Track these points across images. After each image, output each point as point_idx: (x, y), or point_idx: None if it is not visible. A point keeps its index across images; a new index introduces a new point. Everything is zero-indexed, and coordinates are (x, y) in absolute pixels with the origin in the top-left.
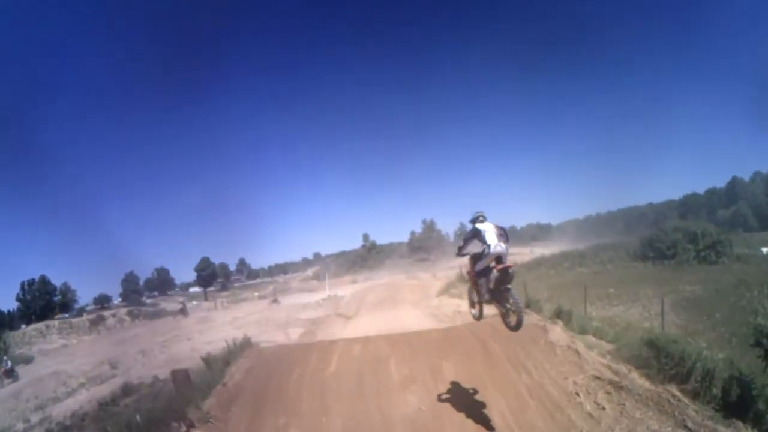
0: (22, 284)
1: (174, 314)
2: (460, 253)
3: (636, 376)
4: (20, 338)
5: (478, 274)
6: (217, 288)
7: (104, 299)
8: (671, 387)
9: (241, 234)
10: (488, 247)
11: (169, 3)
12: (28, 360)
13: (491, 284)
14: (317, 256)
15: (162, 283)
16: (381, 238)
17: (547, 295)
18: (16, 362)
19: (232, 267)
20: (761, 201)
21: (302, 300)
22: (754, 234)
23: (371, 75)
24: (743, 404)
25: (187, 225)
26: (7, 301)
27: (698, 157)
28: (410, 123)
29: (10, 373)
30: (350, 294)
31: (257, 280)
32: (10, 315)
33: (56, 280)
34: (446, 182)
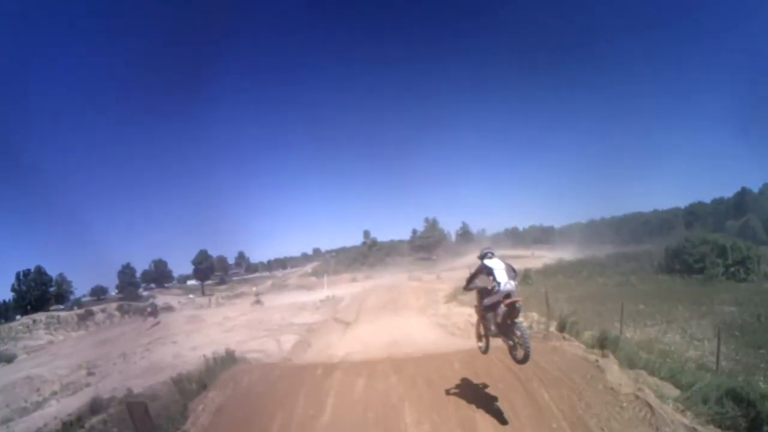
0: (18, 275)
1: (143, 316)
2: (468, 287)
3: None
4: (6, 333)
5: (486, 309)
6: (215, 281)
7: (100, 291)
8: None
9: (241, 227)
10: (498, 285)
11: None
12: (10, 359)
13: (499, 318)
14: (317, 252)
15: (159, 276)
16: (382, 236)
17: (570, 310)
18: None
19: (231, 260)
20: None
21: (299, 299)
22: (763, 247)
23: (376, 71)
24: None
25: (187, 217)
26: (3, 292)
27: (705, 166)
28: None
29: None
30: (350, 296)
31: (256, 274)
32: (5, 305)
33: (52, 271)
34: (449, 181)
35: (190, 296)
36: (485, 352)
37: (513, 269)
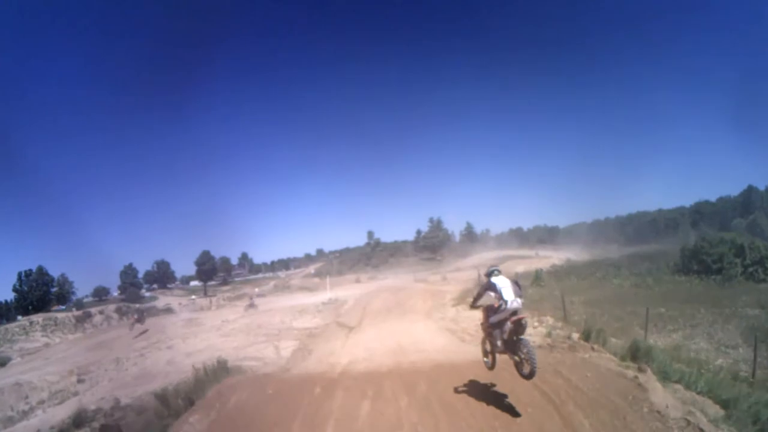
0: (20, 275)
1: (129, 323)
2: (475, 305)
3: None
4: (2, 335)
5: (493, 326)
6: (218, 282)
7: (102, 292)
8: None
9: (244, 228)
10: (505, 303)
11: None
12: (4, 362)
13: (505, 335)
14: (320, 253)
15: (162, 276)
16: (386, 236)
17: (588, 313)
18: None
19: (235, 261)
20: None
21: (300, 301)
22: None
23: (379, 71)
24: None
25: (190, 218)
26: (5, 292)
27: (710, 164)
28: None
29: None
30: (353, 298)
31: (259, 275)
32: (7, 306)
33: (54, 272)
34: (453, 182)
35: (193, 297)
36: (491, 369)
37: (518, 286)
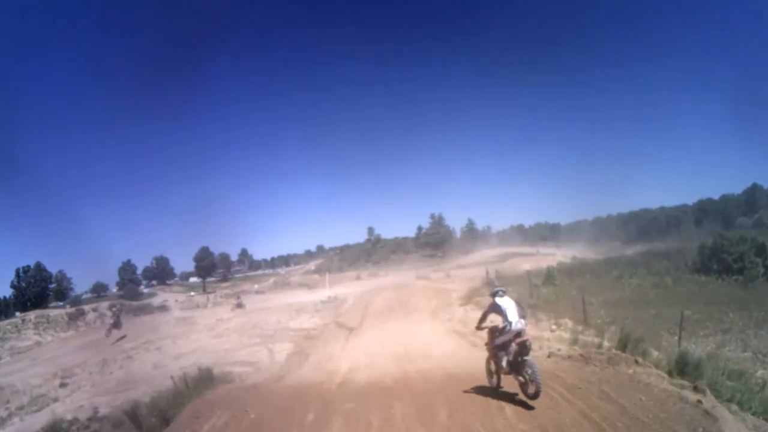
0: (17, 271)
1: (106, 329)
2: (480, 327)
3: None
4: None
5: (498, 347)
6: (218, 278)
7: (101, 288)
8: None
9: (244, 224)
10: (510, 324)
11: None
12: None
13: (510, 356)
14: (321, 249)
15: (161, 273)
16: (386, 233)
17: (609, 316)
18: None
19: (234, 257)
20: None
21: (299, 299)
22: None
23: (381, 70)
24: None
25: (190, 214)
26: (3, 289)
27: (712, 162)
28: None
29: None
30: (353, 296)
31: (259, 272)
32: (5, 302)
33: (52, 268)
34: (454, 178)
35: (191, 294)
36: (497, 389)
37: (522, 307)
